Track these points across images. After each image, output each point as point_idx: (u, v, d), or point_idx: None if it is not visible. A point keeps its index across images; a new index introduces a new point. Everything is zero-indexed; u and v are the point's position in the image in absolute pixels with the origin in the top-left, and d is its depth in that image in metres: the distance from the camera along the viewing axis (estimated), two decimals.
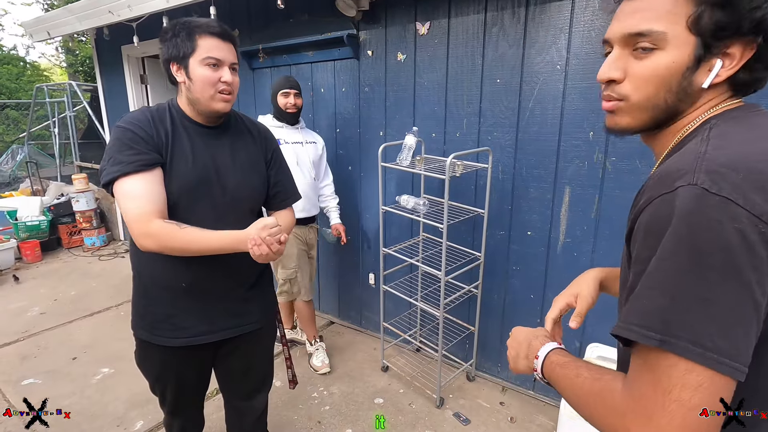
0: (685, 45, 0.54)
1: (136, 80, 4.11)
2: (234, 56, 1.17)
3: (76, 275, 3.98)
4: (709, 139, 0.51)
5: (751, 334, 0.46)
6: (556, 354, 0.66)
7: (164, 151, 1.13)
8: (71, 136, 5.80)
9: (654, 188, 0.51)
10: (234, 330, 1.32)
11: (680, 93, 0.56)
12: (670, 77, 0.56)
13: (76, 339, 2.86)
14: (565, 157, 1.94)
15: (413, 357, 2.60)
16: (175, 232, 1.08)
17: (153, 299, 1.24)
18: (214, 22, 1.13)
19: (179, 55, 1.12)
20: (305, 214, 2.37)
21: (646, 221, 0.51)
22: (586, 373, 0.58)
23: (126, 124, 1.12)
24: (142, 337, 1.28)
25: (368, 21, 2.41)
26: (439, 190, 2.36)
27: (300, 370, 2.50)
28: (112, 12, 3.05)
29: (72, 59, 10.09)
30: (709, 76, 0.55)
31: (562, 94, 1.89)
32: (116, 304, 3.36)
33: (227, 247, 1.10)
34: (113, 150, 1.10)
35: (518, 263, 2.18)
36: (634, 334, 0.49)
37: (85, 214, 4.59)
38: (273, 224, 1.09)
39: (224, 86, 1.14)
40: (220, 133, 1.24)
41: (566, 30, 1.83)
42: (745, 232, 0.44)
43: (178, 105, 1.20)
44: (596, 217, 1.91)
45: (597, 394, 0.55)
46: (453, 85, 2.19)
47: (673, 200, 0.47)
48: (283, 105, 2.25)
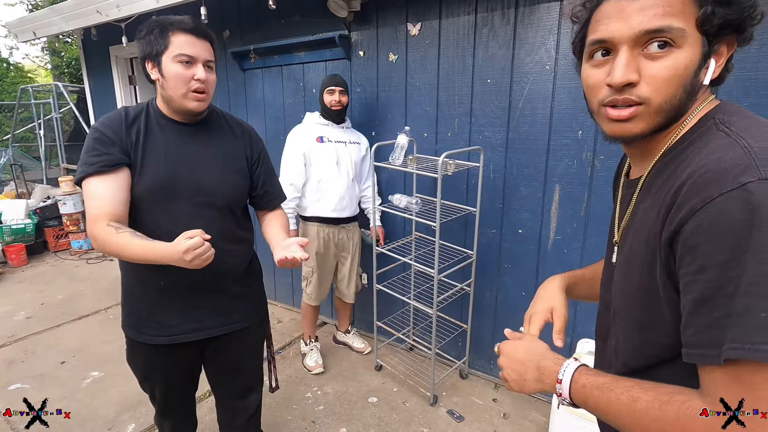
0: (696, 43, 0.53)
1: (125, 81, 4.07)
2: (210, 53, 1.14)
3: (63, 279, 3.91)
4: (737, 133, 0.50)
5: None
6: (584, 375, 0.60)
7: (133, 151, 1.13)
8: (57, 138, 5.71)
9: (707, 188, 0.47)
10: (220, 329, 1.30)
11: (691, 92, 0.55)
12: (687, 77, 0.54)
13: (65, 343, 2.82)
14: (554, 155, 1.97)
15: (406, 356, 2.61)
16: (110, 237, 1.03)
17: (137, 297, 1.25)
18: (187, 19, 1.11)
19: (152, 53, 1.10)
20: (337, 215, 2.35)
21: (711, 222, 0.46)
22: (645, 395, 0.52)
23: (98, 125, 1.14)
24: (131, 336, 1.28)
25: (359, 22, 2.42)
26: (430, 189, 2.37)
27: (293, 371, 2.49)
28: (101, 12, 3.02)
29: (57, 61, 9.92)
30: (708, 73, 0.55)
31: (552, 93, 1.92)
32: (105, 307, 3.31)
33: (152, 260, 1.02)
34: (83, 151, 1.12)
35: (510, 261, 2.21)
36: (762, 354, 0.43)
37: (72, 216, 4.52)
38: (197, 245, 0.96)
39: (198, 84, 1.11)
40: (199, 130, 1.22)
41: (555, 31, 1.86)
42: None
43: (155, 103, 1.20)
44: (585, 215, 1.95)
45: (675, 421, 0.49)
46: (444, 85, 2.22)
47: (747, 197, 0.44)
48: (329, 102, 2.25)
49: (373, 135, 2.53)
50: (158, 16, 1.17)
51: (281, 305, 3.30)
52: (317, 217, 2.35)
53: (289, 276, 3.20)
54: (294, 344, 2.79)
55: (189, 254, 0.96)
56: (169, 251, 0.98)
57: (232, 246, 1.27)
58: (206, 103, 1.17)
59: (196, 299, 1.25)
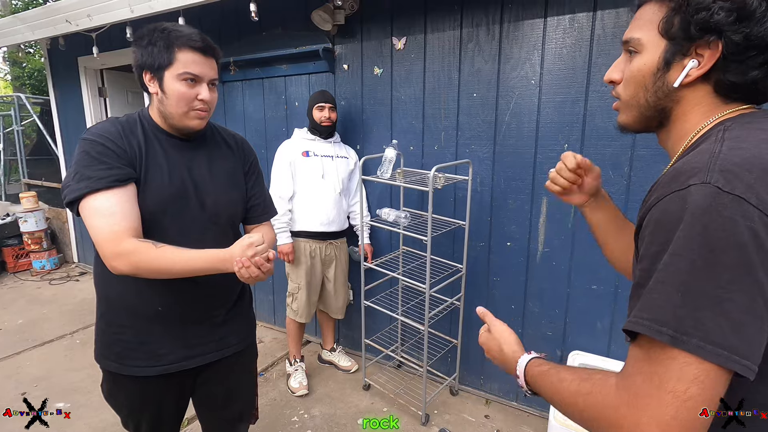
0: (656, 48, 0.59)
1: (94, 93, 3.91)
2: (215, 72, 1.09)
3: (24, 302, 3.66)
4: (724, 139, 0.52)
5: (763, 333, 0.46)
6: (532, 367, 0.67)
7: (138, 165, 1.05)
8: (18, 152, 5.41)
9: (666, 185, 0.51)
10: (214, 354, 1.23)
11: (658, 92, 0.61)
12: (642, 78, 0.61)
13: (25, 372, 2.61)
14: (541, 168, 1.99)
15: (395, 374, 2.55)
16: (150, 252, 0.98)
17: (124, 326, 1.14)
18: (196, 35, 1.05)
19: (154, 65, 1.04)
20: (324, 228, 2.31)
21: (657, 217, 0.51)
22: (570, 375, 0.59)
23: (94, 137, 1.03)
24: (111, 369, 1.16)
25: (343, 35, 2.41)
26: (417, 203, 2.35)
27: (277, 393, 2.38)
28: (70, 21, 2.89)
29: (18, 71, 9.49)
30: (680, 75, 0.58)
31: (537, 107, 1.95)
32: (70, 331, 3.10)
33: (209, 267, 1.00)
34: (80, 164, 1.00)
35: (499, 274, 2.20)
36: (645, 328, 0.49)
37: (35, 235, 4.26)
38: (259, 241, 0.99)
39: (201, 104, 1.07)
40: (197, 145, 1.17)
41: (539, 47, 1.90)
42: (757, 231, 0.45)
43: (149, 116, 1.12)
44: (573, 227, 1.97)
45: (587, 393, 0.55)
46: (430, 99, 2.22)
47: (686, 197, 0.48)
48: (318, 119, 2.23)
49: (358, 148, 2.50)
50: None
51: (262, 324, 3.18)
52: (304, 232, 2.31)
53: (270, 293, 3.09)
54: (277, 365, 2.68)
55: (251, 249, 0.97)
56: (227, 254, 0.99)
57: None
58: (206, 121, 1.12)
59: (191, 324, 1.17)
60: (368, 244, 2.46)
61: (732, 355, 0.45)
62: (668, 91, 0.60)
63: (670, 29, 0.57)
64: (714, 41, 0.54)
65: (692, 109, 0.60)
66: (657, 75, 0.60)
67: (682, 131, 0.61)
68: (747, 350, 0.45)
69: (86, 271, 4.33)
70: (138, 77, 1.09)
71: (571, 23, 1.81)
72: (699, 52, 0.56)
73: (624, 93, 0.65)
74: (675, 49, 0.57)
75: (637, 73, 0.62)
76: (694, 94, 0.59)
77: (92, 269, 1.25)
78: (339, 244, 2.43)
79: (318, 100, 2.23)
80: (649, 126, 0.65)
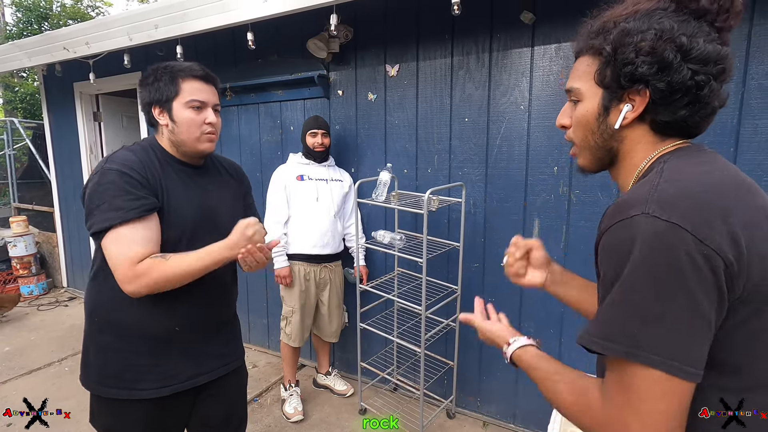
0: (595, 96, 0.66)
1: (89, 118, 3.93)
2: (216, 97, 1.19)
3: (10, 328, 3.57)
4: (662, 172, 0.59)
5: (703, 344, 0.53)
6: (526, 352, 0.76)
7: (160, 193, 1.11)
8: (10, 175, 5.38)
9: (612, 216, 0.58)
10: (220, 369, 1.28)
11: (603, 134, 0.67)
12: (586, 122, 0.68)
13: (12, 401, 2.53)
14: (532, 190, 2.04)
15: (391, 397, 2.52)
16: (162, 265, 1.04)
17: (139, 352, 1.14)
18: (196, 66, 1.16)
19: (162, 99, 1.13)
20: (318, 251, 2.32)
21: (607, 245, 0.58)
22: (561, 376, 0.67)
23: (120, 167, 1.06)
24: (121, 397, 1.14)
25: (338, 62, 2.48)
26: (411, 225, 2.38)
27: (272, 420, 2.34)
28: (68, 49, 2.94)
29: (10, 95, 9.50)
30: (618, 118, 0.64)
31: (527, 132, 2.01)
32: (59, 359, 3.03)
33: (219, 259, 1.08)
34: (108, 195, 1.04)
35: (493, 294, 2.22)
36: (595, 345, 0.56)
37: (24, 259, 4.20)
38: (254, 222, 1.09)
39: (209, 128, 1.16)
40: (205, 172, 1.25)
41: (527, 74, 1.97)
42: (693, 255, 0.51)
43: (160, 145, 1.18)
44: (565, 247, 2.00)
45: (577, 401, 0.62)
46: (423, 123, 2.28)
47: (630, 226, 0.54)
48: (312, 144, 2.28)
49: (353, 171, 2.53)
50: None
51: (256, 348, 3.14)
52: (299, 255, 2.32)
53: (264, 316, 3.07)
54: (272, 390, 2.64)
55: (250, 228, 1.07)
56: (229, 242, 1.07)
57: (234, 284, 1.34)
58: (215, 144, 1.20)
59: (200, 341, 1.22)
60: (363, 266, 2.47)
61: (679, 365, 0.51)
62: (612, 132, 0.66)
63: (603, 80, 0.64)
64: (642, 89, 0.61)
65: (635, 146, 0.66)
66: (599, 119, 0.66)
67: (629, 166, 0.68)
68: (691, 359, 0.52)
69: (75, 296, 4.26)
70: (146, 114, 1.17)
71: (557, 52, 1.90)
72: (631, 97, 0.63)
73: (575, 137, 0.71)
74: (611, 96, 0.64)
75: (582, 119, 0.68)
76: (635, 133, 0.65)
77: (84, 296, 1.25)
78: (333, 267, 2.43)
79: (311, 127, 2.28)
80: (603, 165, 0.71)
